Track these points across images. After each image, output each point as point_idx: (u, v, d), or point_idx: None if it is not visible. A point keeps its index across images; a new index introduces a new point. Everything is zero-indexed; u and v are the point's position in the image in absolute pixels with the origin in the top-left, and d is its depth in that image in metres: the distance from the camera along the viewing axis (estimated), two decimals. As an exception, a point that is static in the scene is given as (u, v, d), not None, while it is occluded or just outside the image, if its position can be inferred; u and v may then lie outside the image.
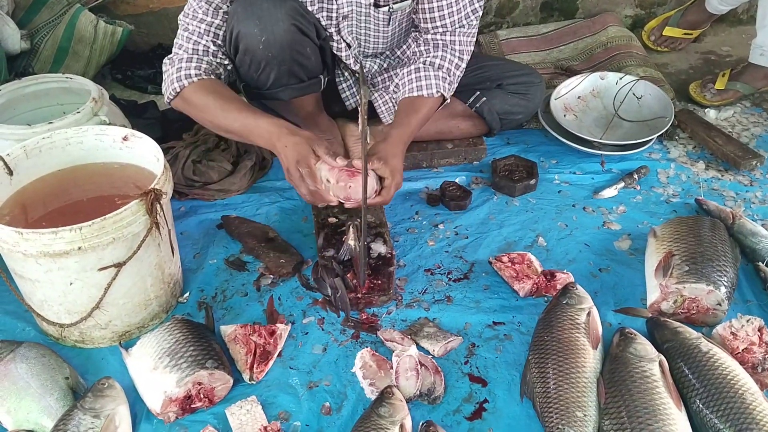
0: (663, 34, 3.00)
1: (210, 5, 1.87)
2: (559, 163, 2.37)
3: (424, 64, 2.00)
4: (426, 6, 1.95)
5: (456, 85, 2.06)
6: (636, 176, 2.25)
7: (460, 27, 1.98)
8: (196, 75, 1.89)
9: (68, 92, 2.16)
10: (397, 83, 2.05)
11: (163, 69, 1.96)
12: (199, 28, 1.90)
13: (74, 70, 2.63)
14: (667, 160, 2.36)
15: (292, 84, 1.99)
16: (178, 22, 1.94)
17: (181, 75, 1.89)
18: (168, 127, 2.43)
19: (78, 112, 1.94)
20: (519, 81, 2.27)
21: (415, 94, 1.98)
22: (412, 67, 2.01)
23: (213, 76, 1.92)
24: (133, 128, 1.93)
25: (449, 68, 2.01)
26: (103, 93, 2.07)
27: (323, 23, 1.96)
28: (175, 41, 1.95)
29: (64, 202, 1.78)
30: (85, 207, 1.75)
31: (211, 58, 1.93)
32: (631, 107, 2.51)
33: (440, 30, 1.99)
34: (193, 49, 1.91)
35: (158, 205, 1.61)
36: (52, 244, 1.51)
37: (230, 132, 1.90)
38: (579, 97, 2.55)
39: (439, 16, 1.95)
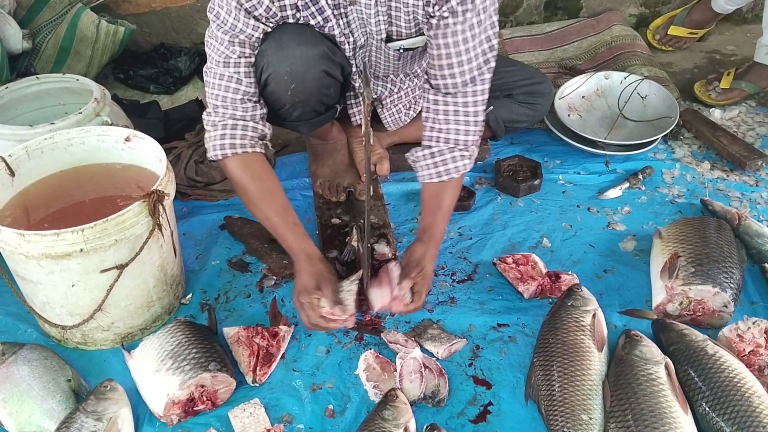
0: (668, 33, 2.98)
1: (244, 46, 1.74)
2: (564, 163, 2.35)
3: (438, 144, 1.83)
4: (435, 52, 1.75)
5: (476, 151, 1.88)
6: (641, 176, 2.24)
7: (471, 82, 1.78)
8: (240, 146, 1.77)
9: (70, 92, 2.15)
10: (413, 160, 1.89)
11: (204, 121, 1.83)
12: (238, 72, 1.75)
13: (76, 70, 2.62)
14: (672, 161, 2.35)
15: (311, 119, 1.95)
16: (205, 70, 1.80)
17: (225, 143, 1.77)
18: (170, 127, 2.43)
19: (80, 113, 1.93)
20: (529, 91, 2.21)
21: (435, 180, 1.84)
22: (427, 151, 1.84)
23: (257, 147, 1.80)
24: (135, 128, 1.92)
25: (466, 140, 1.83)
26: (105, 93, 2.06)
27: (348, 55, 1.90)
28: (208, 92, 1.79)
29: (66, 203, 1.78)
30: (87, 208, 1.74)
31: (252, 113, 1.80)
32: (636, 107, 2.49)
33: (450, 89, 1.79)
34: (232, 98, 1.77)
35: (161, 207, 1.60)
36: (54, 246, 1.50)
37: (260, 222, 1.84)
38: (583, 97, 2.54)
39: (450, 74, 1.76)
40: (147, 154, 1.79)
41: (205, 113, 1.84)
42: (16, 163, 1.74)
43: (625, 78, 2.54)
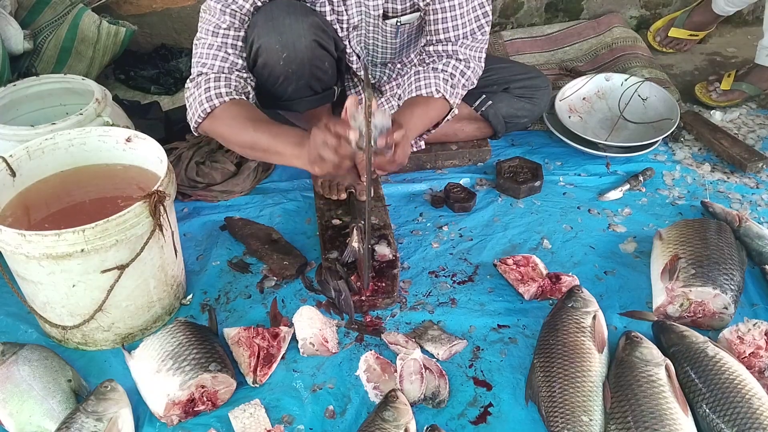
0: (668, 35, 2.99)
1: (234, 17, 1.80)
2: (564, 164, 2.36)
3: (425, 68, 1.96)
4: (431, 18, 1.91)
5: (461, 90, 2.00)
6: (641, 178, 2.24)
7: (464, 39, 1.94)
8: (227, 94, 1.80)
9: (71, 93, 2.16)
10: (399, 94, 2.01)
11: (186, 94, 1.88)
12: (226, 43, 1.82)
13: (77, 71, 2.62)
14: (673, 162, 2.35)
15: (307, 96, 1.96)
16: (194, 42, 1.86)
17: (211, 95, 1.80)
18: (171, 127, 2.43)
19: (81, 113, 1.94)
20: (526, 85, 2.26)
21: (414, 94, 1.93)
22: (413, 70, 1.98)
23: (243, 96, 1.84)
24: (135, 129, 1.92)
25: (452, 72, 1.96)
26: (106, 94, 2.06)
27: (341, 35, 1.94)
28: (194, 62, 1.85)
29: (67, 203, 1.78)
30: (88, 209, 1.74)
31: (239, 73, 1.85)
32: (637, 109, 2.49)
33: (443, 42, 1.95)
34: (219, 66, 1.82)
35: (161, 207, 1.60)
36: (55, 246, 1.50)
37: (257, 146, 1.77)
38: (584, 99, 2.54)
39: (443, 29, 1.91)
40: (148, 154, 1.79)
41: (187, 81, 1.87)
42: (17, 163, 1.74)
43: (625, 80, 2.54)
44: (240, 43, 1.84)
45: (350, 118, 1.55)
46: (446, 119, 2.04)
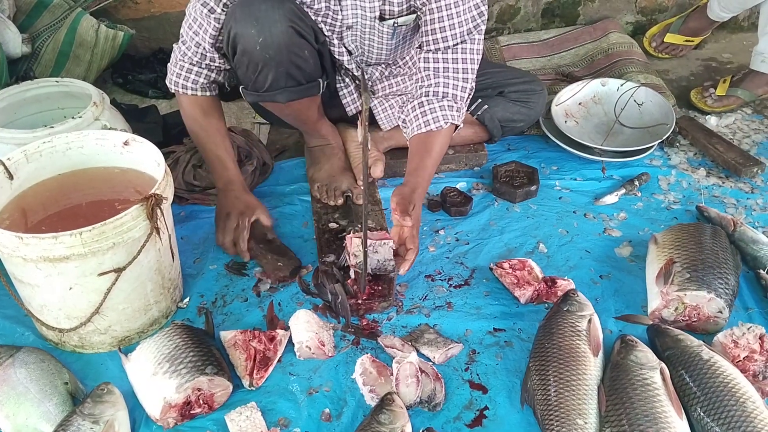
0: (664, 40, 3.00)
1: (205, 7, 1.88)
2: (560, 169, 2.37)
3: (428, 96, 1.93)
4: (428, 18, 1.89)
5: (465, 108, 1.98)
6: (637, 183, 2.25)
7: (462, 42, 1.91)
8: (191, 89, 2.03)
9: (69, 96, 2.16)
10: (404, 119, 2.00)
11: (173, 49, 2.04)
12: (202, 29, 1.92)
13: (75, 74, 2.63)
14: (668, 167, 2.36)
15: (289, 87, 1.94)
16: (187, 6, 1.96)
17: (179, 80, 2.02)
18: (168, 131, 2.44)
19: (79, 117, 1.94)
20: (521, 89, 2.26)
21: (423, 130, 1.92)
22: (416, 102, 1.95)
23: (208, 92, 2.05)
24: (133, 132, 1.93)
25: (455, 94, 1.93)
26: (104, 97, 2.07)
27: (325, 31, 1.94)
28: (184, 23, 1.97)
29: (65, 206, 1.78)
30: (85, 211, 1.75)
31: (209, 63, 1.99)
32: (632, 114, 2.51)
33: (441, 46, 1.91)
34: (194, 51, 1.97)
35: (159, 210, 1.60)
36: (52, 249, 1.50)
37: (202, 152, 2.11)
38: (580, 104, 2.55)
39: (440, 28, 1.89)
40: (145, 158, 1.80)
41: (179, 42, 2.02)
42: (14, 166, 1.74)
43: (621, 85, 2.55)
44: (219, 35, 1.93)
45: (351, 255, 1.79)
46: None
